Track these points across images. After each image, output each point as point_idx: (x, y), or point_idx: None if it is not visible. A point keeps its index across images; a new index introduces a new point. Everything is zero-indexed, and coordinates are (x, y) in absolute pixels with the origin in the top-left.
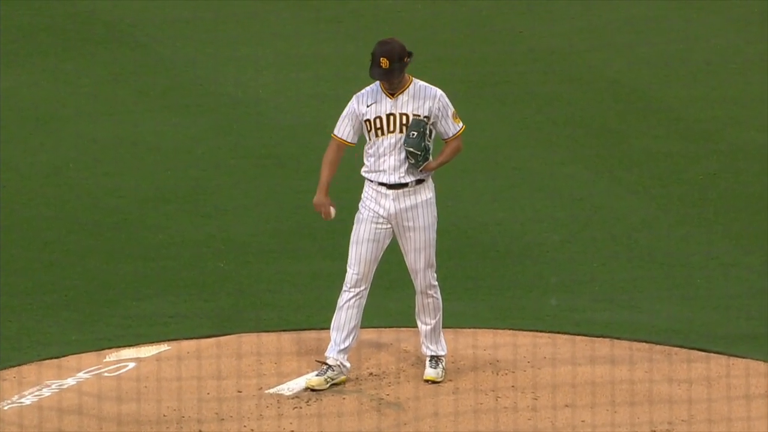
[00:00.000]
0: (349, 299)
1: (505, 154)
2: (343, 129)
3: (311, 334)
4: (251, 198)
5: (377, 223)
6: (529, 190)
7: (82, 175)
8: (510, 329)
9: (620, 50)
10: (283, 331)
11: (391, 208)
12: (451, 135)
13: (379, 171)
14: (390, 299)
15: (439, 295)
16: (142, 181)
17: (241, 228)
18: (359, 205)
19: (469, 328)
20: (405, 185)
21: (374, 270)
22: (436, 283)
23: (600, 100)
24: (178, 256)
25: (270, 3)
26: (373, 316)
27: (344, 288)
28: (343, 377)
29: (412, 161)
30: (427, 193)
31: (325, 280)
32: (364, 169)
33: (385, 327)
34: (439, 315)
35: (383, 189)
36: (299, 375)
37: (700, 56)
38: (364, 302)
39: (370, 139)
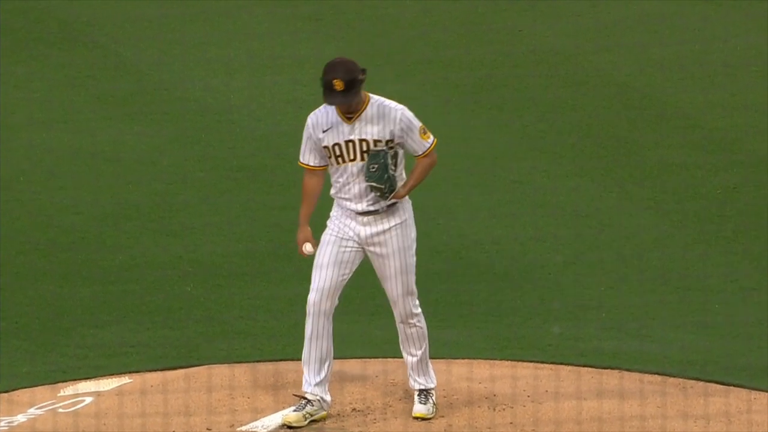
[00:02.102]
0: (316, 328)
1: (504, 166)
2: (308, 155)
3: (288, 365)
4: (222, 215)
5: (344, 245)
6: (529, 206)
7: (34, 189)
8: (509, 360)
9: (631, 51)
10: (258, 362)
11: (361, 232)
12: (420, 153)
13: (345, 198)
14: (375, 326)
15: (423, 323)
16: (101, 196)
17: (210, 248)
18: (327, 222)
19: (464, 358)
20: (375, 211)
21: (339, 293)
22: (419, 310)
23: (608, 107)
24: (141, 279)
25: None
26: (356, 345)
27: (308, 314)
28: (323, 413)
29: (378, 194)
30: (400, 216)
31: (304, 306)
32: (332, 190)
33: (370, 357)
34: (425, 345)
35: (351, 213)
36: (275, 410)
37: (718, 58)
38: (332, 327)
39: (331, 165)
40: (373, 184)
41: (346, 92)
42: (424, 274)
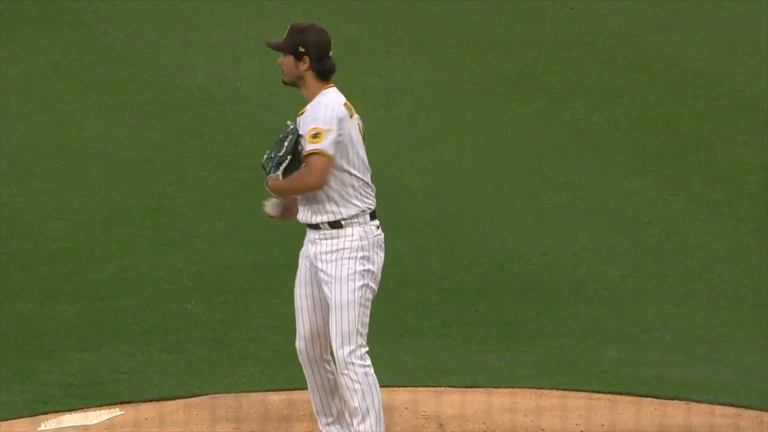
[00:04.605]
0: (312, 377)
1: (552, 166)
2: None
3: (303, 395)
4: (227, 221)
5: (305, 266)
6: (582, 212)
7: (11, 191)
8: (558, 389)
9: (700, 32)
10: (268, 391)
11: (309, 249)
12: (306, 152)
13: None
14: (404, 351)
15: (363, 381)
16: (89, 199)
17: (214, 259)
18: None
19: (506, 387)
20: (317, 227)
21: (324, 324)
22: (358, 361)
23: (674, 97)
24: (134, 295)
25: None
26: (383, 371)
27: (297, 348)
28: None
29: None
30: (346, 242)
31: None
32: None
33: (399, 386)
34: (371, 417)
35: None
36: None
37: None
38: (333, 369)
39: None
40: (264, 157)
41: (278, 45)
42: (460, 290)
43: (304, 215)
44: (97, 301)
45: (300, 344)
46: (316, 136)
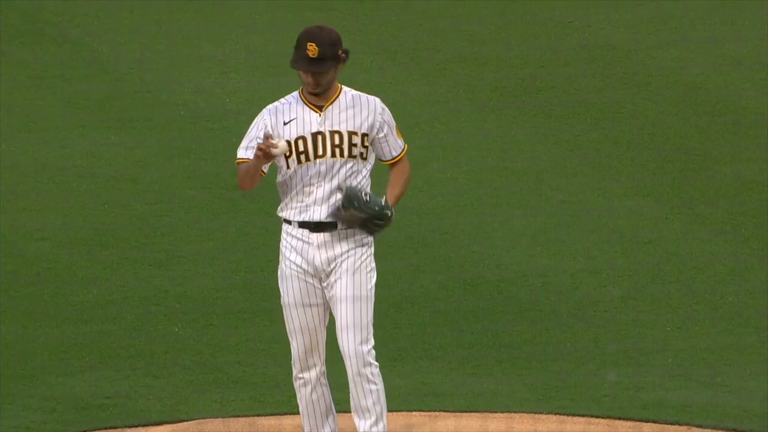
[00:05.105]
0: (305, 389)
1: (550, 184)
2: (250, 152)
3: (294, 420)
4: (215, 241)
5: (303, 279)
6: (581, 231)
7: None
8: (556, 413)
9: (702, 47)
10: (257, 416)
11: (315, 258)
12: (396, 155)
13: (300, 206)
14: (398, 374)
15: (379, 382)
16: (72, 218)
17: (201, 281)
18: (280, 257)
19: (503, 411)
20: (333, 226)
21: (324, 339)
22: (375, 361)
23: (675, 113)
24: (119, 318)
25: None
26: None
27: (293, 371)
28: None
29: (389, 216)
30: (363, 238)
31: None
32: (279, 207)
33: (392, 410)
34: (384, 420)
35: (305, 233)
36: None
37: None
38: (326, 382)
39: (289, 167)
40: (382, 203)
41: (319, 62)
42: (455, 312)
43: (321, 214)
44: (81, 324)
45: (298, 369)
46: (398, 131)
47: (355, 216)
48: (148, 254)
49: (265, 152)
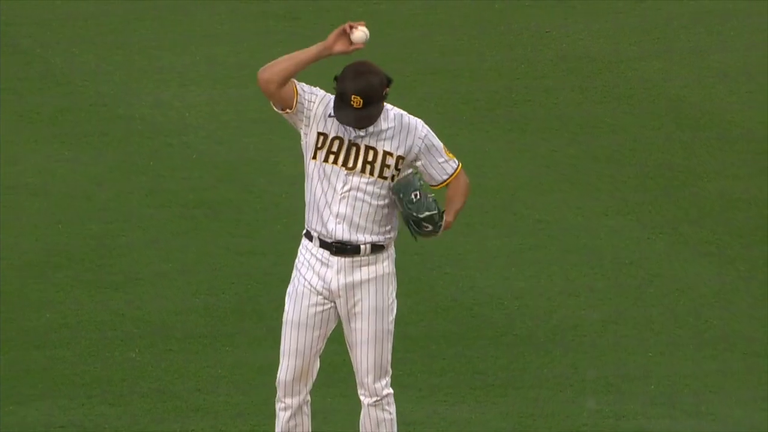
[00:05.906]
0: (284, 413)
1: (526, 202)
2: (306, 88)
3: None
4: (175, 262)
5: (314, 301)
6: (558, 252)
7: None
8: None
9: (686, 58)
10: None
11: (332, 282)
12: (444, 179)
13: (320, 219)
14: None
15: (394, 411)
16: (23, 239)
17: (160, 304)
18: (293, 269)
19: None
20: (356, 251)
21: (316, 367)
22: (391, 391)
23: (658, 127)
24: (73, 343)
25: None
26: (344, 424)
27: (277, 397)
28: None
29: (429, 228)
30: (386, 266)
31: (276, 376)
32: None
33: None
34: None
35: (324, 253)
36: None
37: None
38: (308, 411)
39: (315, 158)
40: (426, 213)
41: (364, 113)
42: (427, 337)
43: (343, 232)
44: (33, 350)
45: (282, 393)
46: (447, 149)
47: (396, 205)
48: (104, 276)
49: (347, 31)
